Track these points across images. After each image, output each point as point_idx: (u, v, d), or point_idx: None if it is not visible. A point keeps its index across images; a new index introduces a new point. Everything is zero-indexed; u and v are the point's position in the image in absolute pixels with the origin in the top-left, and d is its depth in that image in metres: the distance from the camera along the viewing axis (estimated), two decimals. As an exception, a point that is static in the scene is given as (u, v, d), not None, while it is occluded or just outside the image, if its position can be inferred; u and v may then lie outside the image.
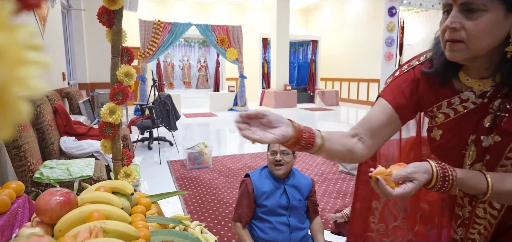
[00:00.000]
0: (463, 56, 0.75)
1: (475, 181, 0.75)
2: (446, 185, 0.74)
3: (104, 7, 0.97)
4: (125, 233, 0.73)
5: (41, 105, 2.62)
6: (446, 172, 0.74)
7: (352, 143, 0.87)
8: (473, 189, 0.76)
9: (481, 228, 0.86)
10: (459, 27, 0.72)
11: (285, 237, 1.68)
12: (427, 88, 0.88)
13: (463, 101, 0.83)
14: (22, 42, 0.14)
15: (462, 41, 0.73)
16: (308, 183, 1.79)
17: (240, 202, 1.73)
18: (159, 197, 1.05)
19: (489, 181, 0.74)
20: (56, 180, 2.15)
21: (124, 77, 1.03)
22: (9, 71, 0.12)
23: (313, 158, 4.35)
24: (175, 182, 3.41)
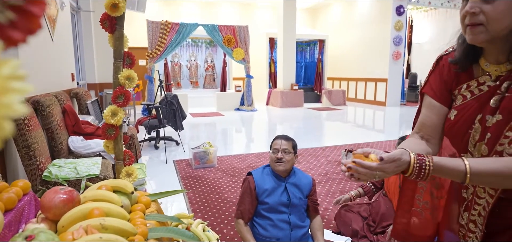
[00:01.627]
0: (483, 38, 0.81)
1: (452, 166, 0.80)
2: (423, 173, 0.80)
3: (107, 14, 1.01)
4: (122, 230, 0.77)
5: (50, 106, 2.69)
6: (422, 161, 0.80)
7: (425, 146, 0.99)
8: (452, 173, 0.81)
9: (481, 209, 0.90)
10: (478, 11, 0.79)
11: (285, 235, 1.72)
12: (452, 74, 0.97)
13: (480, 84, 0.90)
14: (7, 74, 0.18)
15: (481, 24, 0.80)
16: (308, 182, 1.82)
17: (243, 199, 1.77)
18: (159, 196, 1.09)
19: (466, 164, 0.78)
20: (64, 179, 2.22)
21: (125, 81, 1.07)
22: (-5, 99, 0.16)
23: (317, 157, 4.37)
24: (181, 181, 3.47)
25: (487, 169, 0.77)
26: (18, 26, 0.19)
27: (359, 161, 0.82)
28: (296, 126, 7.33)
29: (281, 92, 10.18)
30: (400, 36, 10.05)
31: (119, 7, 1.02)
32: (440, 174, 0.82)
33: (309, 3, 12.88)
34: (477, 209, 0.91)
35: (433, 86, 1.01)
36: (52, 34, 3.44)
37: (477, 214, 0.91)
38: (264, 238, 1.74)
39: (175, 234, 0.90)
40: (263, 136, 6.44)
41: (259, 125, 7.69)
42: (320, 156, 4.46)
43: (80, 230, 0.72)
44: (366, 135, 6.11)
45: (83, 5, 5.51)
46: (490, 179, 0.79)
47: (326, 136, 6.35)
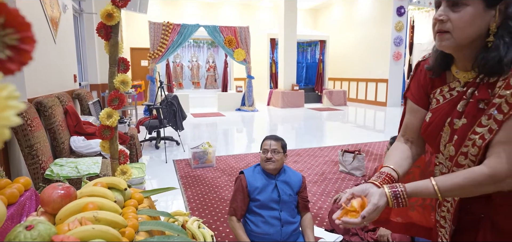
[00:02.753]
0: (450, 45, 0.87)
1: (423, 188, 0.86)
2: (401, 201, 0.85)
3: (102, 23, 1.09)
4: (114, 222, 0.85)
5: (52, 107, 2.78)
6: (396, 192, 0.86)
7: (409, 151, 1.06)
8: (426, 194, 0.87)
9: (449, 206, 0.97)
10: (446, 19, 0.85)
11: (276, 231, 1.79)
12: (428, 79, 1.04)
13: (451, 89, 0.96)
14: (6, 95, 0.25)
15: (448, 32, 0.86)
16: (298, 179, 1.90)
17: (235, 197, 1.85)
18: (151, 193, 1.17)
19: (433, 184, 0.84)
20: (65, 177, 2.30)
21: (120, 85, 1.15)
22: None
23: (315, 157, 4.43)
24: (179, 180, 3.55)
25: (453, 184, 0.83)
26: (14, 60, 0.27)
27: (345, 220, 0.86)
28: (296, 127, 7.40)
29: (282, 92, 10.24)
30: (401, 37, 10.08)
31: (113, 17, 1.10)
32: (416, 196, 0.88)
33: (310, 3, 12.94)
34: (446, 206, 0.98)
35: (413, 91, 1.08)
36: (54, 37, 3.53)
37: (446, 211, 0.98)
38: (256, 234, 1.81)
39: (164, 227, 0.98)
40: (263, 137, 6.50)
41: (259, 126, 7.76)
42: (318, 156, 4.52)
43: (75, 221, 0.80)
44: (366, 136, 6.16)
45: (86, 7, 5.61)
46: (459, 192, 0.85)
47: (326, 137, 6.41)
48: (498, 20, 0.82)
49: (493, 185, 0.80)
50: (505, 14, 0.82)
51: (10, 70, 0.27)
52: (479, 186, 0.82)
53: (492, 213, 0.91)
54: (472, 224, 0.96)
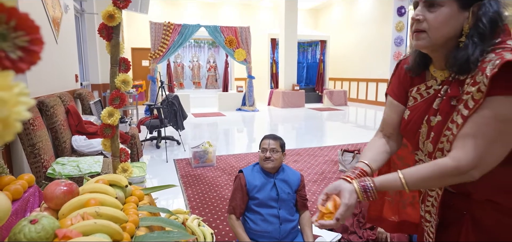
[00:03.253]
0: (425, 44, 0.90)
1: (392, 180, 0.88)
2: (370, 194, 0.88)
3: (104, 24, 1.12)
4: (115, 217, 0.87)
5: (54, 106, 2.81)
6: (365, 186, 0.88)
7: (385, 146, 1.09)
8: (394, 187, 0.89)
9: (433, 200, 0.99)
10: (422, 18, 0.89)
11: (275, 228, 1.81)
12: (408, 77, 1.07)
13: (427, 88, 0.99)
14: (17, 92, 0.28)
15: (425, 31, 0.89)
16: (297, 178, 1.92)
17: (234, 195, 1.87)
18: (151, 190, 1.19)
19: (400, 176, 0.87)
20: (67, 176, 2.33)
21: (121, 84, 1.17)
22: (10, 109, 0.26)
23: (315, 157, 4.45)
24: (180, 179, 3.57)
25: (419, 176, 0.85)
26: (24, 60, 0.30)
27: (322, 223, 0.89)
28: (297, 127, 7.42)
29: (283, 92, 10.27)
30: (401, 37, 10.09)
31: (115, 18, 1.12)
32: (385, 189, 0.90)
33: (310, 3, 12.96)
34: (430, 201, 1.00)
35: (393, 88, 1.11)
36: (56, 37, 3.56)
37: (430, 205, 1.01)
38: (254, 232, 1.83)
39: (164, 223, 1.00)
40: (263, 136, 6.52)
41: (260, 125, 7.78)
42: (318, 156, 4.54)
43: (78, 216, 0.82)
44: (366, 136, 6.18)
45: (87, 7, 5.64)
46: (425, 183, 0.87)
47: (326, 136, 6.43)
48: (471, 21, 0.86)
49: (458, 176, 0.82)
50: (477, 16, 0.85)
51: (21, 69, 0.29)
52: (444, 178, 0.83)
53: (473, 210, 0.94)
54: (456, 220, 0.99)
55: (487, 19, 0.83)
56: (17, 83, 0.28)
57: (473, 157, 0.79)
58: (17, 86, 0.28)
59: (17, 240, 0.72)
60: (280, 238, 1.81)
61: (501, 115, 0.76)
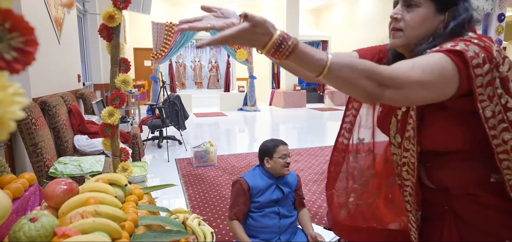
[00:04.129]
0: (401, 43, 0.93)
1: (316, 51, 0.72)
2: (284, 46, 0.69)
3: (104, 25, 1.13)
4: (114, 216, 0.88)
5: (56, 106, 2.83)
6: (287, 39, 0.70)
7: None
8: (311, 61, 0.71)
9: (409, 190, 0.99)
10: (400, 18, 0.91)
11: (274, 223, 1.85)
12: None
13: None
14: (12, 92, 0.29)
15: (401, 30, 0.91)
16: (294, 178, 1.99)
17: (236, 201, 1.87)
18: (151, 189, 1.20)
19: (329, 55, 0.72)
20: (69, 175, 2.35)
21: (121, 84, 1.19)
22: (5, 109, 0.27)
23: (316, 157, 4.45)
24: (181, 179, 3.59)
25: (347, 61, 0.72)
26: (20, 60, 0.30)
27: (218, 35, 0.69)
28: (298, 126, 7.42)
29: (284, 92, 10.27)
30: (403, 37, 10.08)
31: (115, 18, 1.14)
32: (301, 59, 0.71)
33: (312, 4, 12.94)
34: (407, 190, 1.01)
35: (363, 53, 1.12)
36: (59, 37, 3.58)
37: (408, 195, 1.01)
38: (254, 228, 1.86)
39: (163, 221, 1.01)
40: (265, 136, 6.53)
41: (261, 125, 7.79)
42: (319, 156, 4.54)
43: (77, 215, 0.83)
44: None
45: (90, 8, 5.66)
46: (346, 72, 0.72)
47: (327, 136, 6.43)
48: (445, 24, 0.88)
49: (375, 83, 0.72)
50: (448, 20, 0.88)
51: (16, 69, 0.30)
52: (364, 74, 0.71)
53: (454, 205, 0.95)
54: (438, 215, 1.00)
55: (454, 23, 0.86)
56: (11, 83, 0.29)
57: (404, 76, 0.73)
58: (11, 86, 0.29)
59: (17, 238, 0.73)
60: (280, 232, 1.85)
61: (438, 63, 0.76)
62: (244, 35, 0.68)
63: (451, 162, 0.91)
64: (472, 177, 0.90)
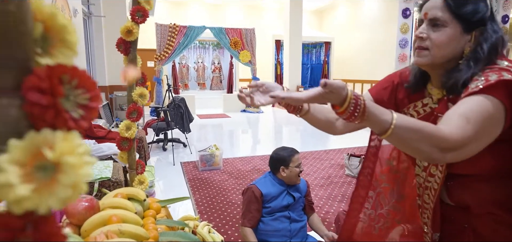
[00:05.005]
0: (426, 62, 0.92)
1: (382, 111, 0.76)
2: (358, 110, 0.74)
3: (122, 39, 1.13)
4: (137, 235, 0.88)
5: (64, 111, 2.84)
6: (359, 99, 0.74)
7: (333, 118, 1.08)
8: (378, 120, 0.76)
9: (428, 213, 1.00)
10: (425, 37, 0.91)
11: (285, 227, 1.88)
12: (403, 93, 1.08)
13: (424, 105, 1.01)
14: (83, 151, 0.29)
15: (427, 49, 0.91)
16: (304, 184, 2.03)
17: (249, 208, 1.89)
18: (169, 202, 1.21)
19: (394, 114, 0.76)
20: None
21: (138, 98, 1.19)
22: (78, 172, 0.27)
23: (321, 161, 4.45)
24: (187, 183, 3.59)
25: (408, 121, 0.76)
26: (85, 117, 0.31)
27: (290, 92, 0.78)
28: (301, 129, 7.42)
29: (287, 94, 10.25)
30: (406, 39, 10.04)
31: (133, 33, 1.14)
32: (368, 119, 0.76)
33: (315, 5, 12.94)
34: (426, 213, 1.02)
35: (383, 94, 1.09)
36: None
37: (427, 218, 1.02)
38: (265, 232, 1.87)
39: (182, 237, 1.02)
40: (268, 139, 6.54)
41: (264, 127, 7.79)
42: (324, 160, 4.54)
43: (101, 234, 0.84)
44: (370, 138, 6.17)
45: (95, 10, 5.68)
46: (408, 133, 0.75)
47: (331, 140, 6.42)
48: (472, 45, 0.88)
49: (438, 148, 0.75)
50: (478, 40, 0.87)
51: (82, 126, 0.30)
52: (428, 140, 0.74)
53: (474, 223, 0.95)
54: (457, 234, 1.00)
55: (487, 46, 0.85)
56: (80, 142, 0.29)
57: (463, 137, 0.74)
58: (81, 146, 0.29)
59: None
60: (290, 236, 1.87)
61: (487, 110, 0.76)
62: (320, 99, 0.75)
63: (474, 182, 0.91)
64: (494, 196, 0.90)
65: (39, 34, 0.29)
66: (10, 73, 0.27)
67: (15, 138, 0.27)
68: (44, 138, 0.27)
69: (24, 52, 0.27)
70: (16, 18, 0.26)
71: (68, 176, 0.27)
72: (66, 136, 0.28)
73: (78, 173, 0.27)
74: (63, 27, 0.31)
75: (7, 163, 0.26)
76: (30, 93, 0.27)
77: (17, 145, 0.26)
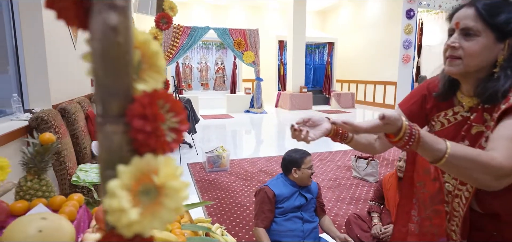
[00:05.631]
0: (458, 71, 0.93)
1: (436, 141, 0.80)
2: (413, 140, 0.78)
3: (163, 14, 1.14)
4: (167, 240, 0.90)
5: (75, 113, 2.85)
6: (413, 129, 0.79)
7: (373, 139, 1.11)
8: (432, 149, 0.80)
9: (457, 221, 1.01)
10: (458, 46, 0.92)
11: (298, 227, 1.91)
12: (432, 102, 1.09)
13: (455, 114, 1.02)
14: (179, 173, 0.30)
15: (459, 58, 0.92)
16: (315, 186, 2.07)
17: (262, 209, 1.91)
18: (191, 207, 1.22)
19: (447, 144, 0.80)
20: (91, 183, 2.37)
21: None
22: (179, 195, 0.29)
23: (327, 163, 4.46)
24: (195, 185, 3.60)
25: (462, 150, 0.79)
26: (176, 141, 0.32)
27: (351, 122, 0.82)
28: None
29: (290, 94, 10.27)
30: (410, 40, 10.05)
31: (158, 39, 1.15)
32: (422, 148, 0.80)
33: (318, 5, 12.94)
34: (455, 221, 1.03)
35: (412, 108, 1.12)
36: (74, 43, 3.61)
37: (455, 225, 1.03)
38: (278, 232, 1.89)
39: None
40: (273, 139, 6.55)
41: (268, 128, 7.80)
42: (330, 161, 4.55)
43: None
44: (375, 140, 6.17)
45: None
46: (462, 162, 0.79)
47: (335, 140, 6.43)
48: (506, 53, 0.88)
49: (492, 176, 0.78)
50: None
51: (172, 149, 0.32)
52: (481, 168, 0.78)
53: (503, 231, 0.96)
54: (485, 241, 1.00)
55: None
56: (177, 166, 0.30)
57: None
58: (178, 168, 0.30)
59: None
60: (303, 237, 1.89)
61: None
62: (377, 130, 0.80)
63: (505, 191, 0.92)
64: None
65: (137, 61, 0.31)
66: (115, 101, 0.28)
67: (119, 164, 0.28)
68: (148, 163, 0.29)
69: (128, 80, 0.29)
70: (123, 49, 0.27)
71: (172, 200, 0.28)
72: (167, 160, 0.29)
73: (180, 197, 0.29)
74: (155, 53, 0.32)
75: (119, 188, 0.27)
76: (135, 120, 0.28)
77: (125, 170, 0.28)
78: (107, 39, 0.27)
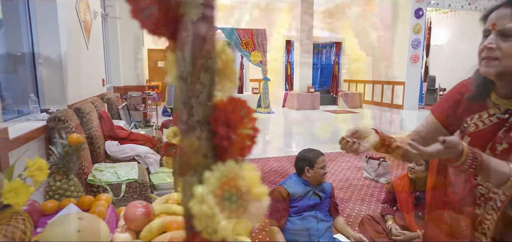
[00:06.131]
0: (495, 71, 0.93)
1: (499, 164, 0.86)
2: (475, 164, 0.85)
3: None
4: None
5: (90, 113, 2.88)
6: (475, 153, 0.85)
7: None
8: (497, 173, 0.86)
9: (489, 224, 1.01)
10: (495, 47, 0.91)
11: (313, 225, 1.91)
12: (464, 105, 1.08)
13: (490, 116, 1.01)
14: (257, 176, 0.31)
15: (496, 59, 0.91)
16: (328, 186, 2.07)
17: (276, 208, 1.92)
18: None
19: (511, 165, 0.85)
20: (106, 183, 2.39)
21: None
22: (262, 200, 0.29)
23: (338, 164, 4.45)
24: (207, 184, 3.62)
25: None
26: (250, 146, 0.32)
27: (416, 145, 0.90)
28: (314, 130, 7.42)
29: (298, 94, 10.26)
30: (419, 39, 9.97)
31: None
32: (485, 172, 0.86)
33: (326, 5, 12.88)
34: (487, 224, 1.02)
35: (446, 112, 1.12)
36: (87, 43, 3.64)
37: (487, 228, 1.03)
38: (293, 231, 1.89)
39: None
40: (281, 140, 6.55)
41: (276, 128, 7.80)
42: (340, 161, 4.54)
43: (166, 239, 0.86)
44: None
45: (110, 12, 5.74)
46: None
47: (344, 140, 6.41)
48: None
49: None
50: None
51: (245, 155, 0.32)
52: None
53: None
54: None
55: None
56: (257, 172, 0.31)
57: None
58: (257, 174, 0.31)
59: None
60: (318, 236, 1.90)
61: None
62: (440, 155, 0.85)
63: None
64: None
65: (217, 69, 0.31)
66: (201, 108, 0.29)
67: (202, 170, 0.29)
68: (230, 169, 0.29)
69: (212, 87, 0.29)
70: (210, 57, 0.28)
71: (256, 206, 0.29)
72: (247, 166, 0.30)
73: (263, 202, 0.29)
74: (229, 62, 0.32)
75: (208, 194, 0.27)
76: (220, 127, 0.29)
77: (211, 176, 0.28)
78: (196, 47, 0.27)
